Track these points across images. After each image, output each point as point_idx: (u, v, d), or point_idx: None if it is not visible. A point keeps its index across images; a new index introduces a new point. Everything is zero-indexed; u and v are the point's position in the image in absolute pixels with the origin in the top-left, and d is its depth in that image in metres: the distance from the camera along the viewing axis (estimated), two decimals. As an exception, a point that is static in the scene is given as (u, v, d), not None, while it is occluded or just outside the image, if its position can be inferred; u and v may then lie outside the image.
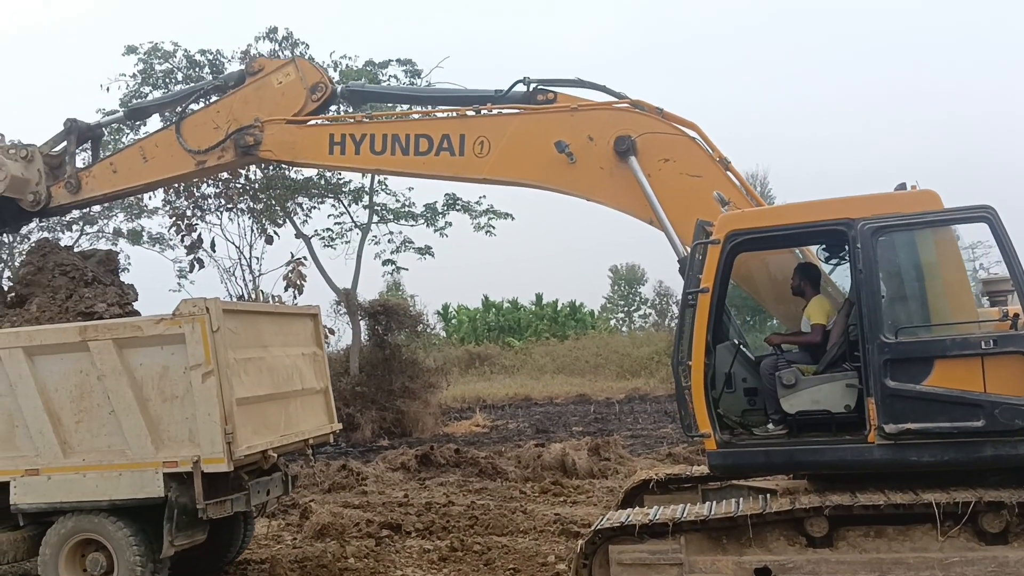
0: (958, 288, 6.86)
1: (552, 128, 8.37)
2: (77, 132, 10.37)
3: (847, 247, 6.85)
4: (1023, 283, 6.40)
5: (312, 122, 9.49)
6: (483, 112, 8.84)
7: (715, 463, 7.09)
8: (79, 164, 10.40)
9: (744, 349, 7.88)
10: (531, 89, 8.76)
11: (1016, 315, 6.37)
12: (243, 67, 9.94)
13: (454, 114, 8.93)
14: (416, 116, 9.13)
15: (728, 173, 8.05)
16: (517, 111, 8.70)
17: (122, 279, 10.65)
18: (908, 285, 6.99)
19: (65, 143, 10.33)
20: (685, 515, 6.84)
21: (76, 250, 10.85)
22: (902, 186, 7.02)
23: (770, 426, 7.32)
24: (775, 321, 9.07)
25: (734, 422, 7.53)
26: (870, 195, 6.89)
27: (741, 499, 7.29)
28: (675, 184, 7.95)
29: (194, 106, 10.42)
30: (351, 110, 10.93)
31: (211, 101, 9.88)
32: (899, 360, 6.50)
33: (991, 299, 7.13)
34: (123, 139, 21.53)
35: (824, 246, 7.73)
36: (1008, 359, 6.32)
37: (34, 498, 8.22)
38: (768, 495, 7.16)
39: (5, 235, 12.08)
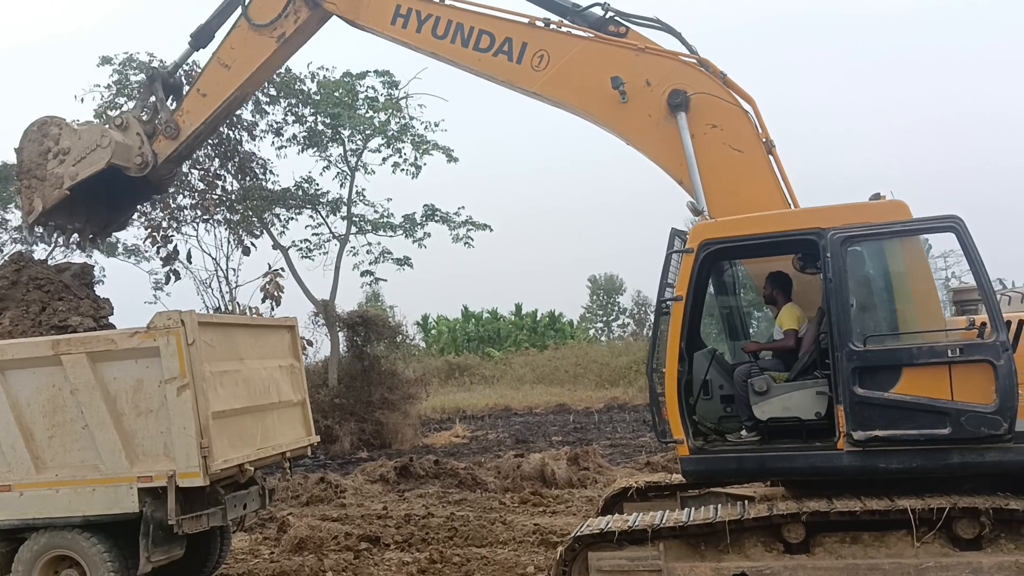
0: (926, 297, 6.93)
1: (614, 62, 8.20)
2: (160, 79, 10.21)
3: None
4: (990, 292, 6.49)
5: None
6: (552, 26, 8.61)
7: (688, 469, 7.15)
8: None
9: (721, 356, 7.92)
10: (607, 16, 8.62)
11: (983, 324, 6.44)
12: None
13: (525, 20, 8.66)
14: (484, 10, 8.79)
15: (770, 157, 7.93)
16: (585, 35, 8.51)
17: (97, 292, 10.53)
18: (877, 294, 7.08)
19: (153, 99, 10.16)
20: (664, 522, 6.87)
21: (51, 263, 10.70)
22: (876, 196, 7.08)
23: (743, 432, 7.37)
24: (753, 329, 9.10)
25: (710, 429, 7.57)
26: (840, 205, 6.96)
27: (719, 506, 7.31)
28: (716, 152, 7.83)
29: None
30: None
31: None
32: (867, 368, 6.57)
33: (960, 308, 7.20)
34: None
35: (799, 255, 7.78)
36: (974, 367, 6.38)
37: (6, 514, 8.12)
38: (746, 502, 7.19)
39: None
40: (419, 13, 8.93)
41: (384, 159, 25.34)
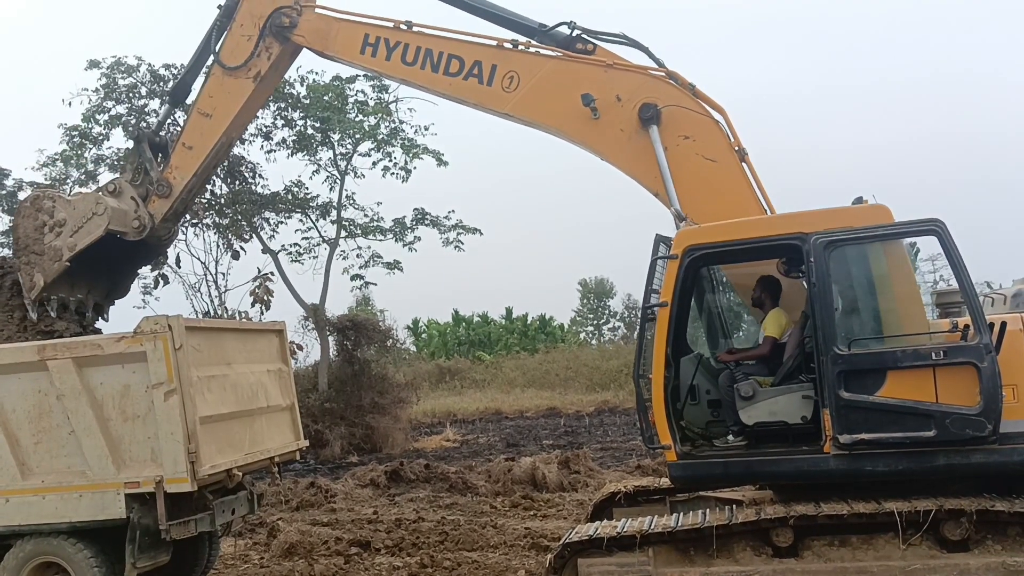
0: (909, 300, 6.97)
1: (583, 80, 8.27)
2: (147, 139, 10.19)
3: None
4: (972, 295, 6.53)
5: (350, 17, 9.27)
6: (520, 47, 8.66)
7: (675, 475, 7.17)
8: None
9: (708, 361, 7.94)
10: (573, 34, 8.69)
11: (967, 326, 6.46)
12: None
13: (493, 43, 8.73)
14: (452, 35, 8.86)
15: (743, 165, 7.99)
16: (553, 54, 8.58)
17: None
18: (860, 298, 7.11)
19: (139, 160, 10.11)
20: (653, 527, 6.87)
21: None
22: (859, 200, 7.12)
23: (730, 437, 7.39)
24: (741, 334, 9.12)
25: (696, 434, 7.58)
26: (823, 209, 7.01)
27: (708, 510, 7.32)
28: (690, 163, 7.89)
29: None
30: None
31: (230, 26, 9.62)
32: (853, 371, 6.61)
33: (944, 311, 7.24)
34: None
35: (784, 260, 7.81)
36: (958, 370, 6.42)
37: (-8, 521, 8.06)
38: (734, 506, 7.21)
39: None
40: (387, 41, 8.96)
41: (374, 163, 25.37)
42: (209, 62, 9.79)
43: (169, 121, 11.13)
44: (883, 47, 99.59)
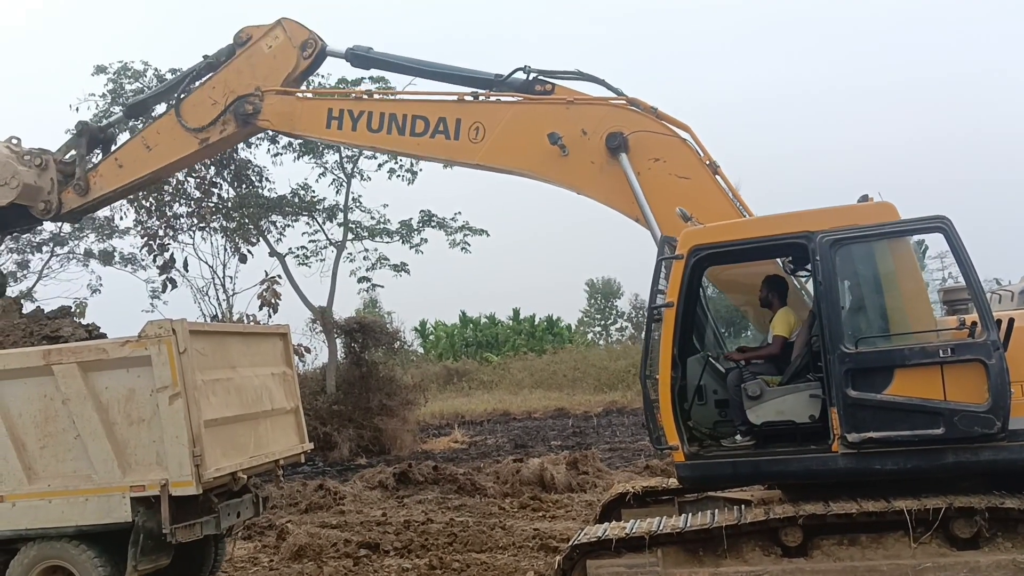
0: (916, 298, 6.95)
1: (547, 119, 8.39)
2: (88, 135, 10.39)
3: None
4: (979, 292, 6.47)
5: (311, 95, 9.54)
6: (480, 98, 8.84)
7: (683, 475, 7.17)
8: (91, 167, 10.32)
9: (714, 361, 7.90)
10: (530, 78, 8.80)
11: (974, 323, 6.41)
12: (232, 41, 9.82)
13: (453, 97, 8.92)
14: (413, 97, 9.14)
15: (717, 177, 8.08)
16: (514, 100, 8.72)
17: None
18: (867, 296, 7.10)
19: (75, 148, 10.34)
20: (661, 528, 6.85)
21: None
22: (864, 198, 7.08)
23: (738, 437, 7.35)
24: (750, 332, 9.09)
25: (704, 434, 7.55)
26: (828, 208, 6.99)
27: (717, 511, 7.28)
28: (664, 184, 7.98)
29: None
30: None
31: (205, 79, 9.81)
32: (860, 370, 6.58)
33: (951, 308, 7.19)
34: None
35: (790, 259, 7.77)
36: (966, 367, 6.38)
37: (-1, 526, 8.05)
38: (743, 506, 7.17)
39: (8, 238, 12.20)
40: (351, 112, 9.15)
41: (380, 165, 25.35)
42: (171, 102, 9.93)
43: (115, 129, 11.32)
44: (897, 46, 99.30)
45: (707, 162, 8.07)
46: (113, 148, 10.57)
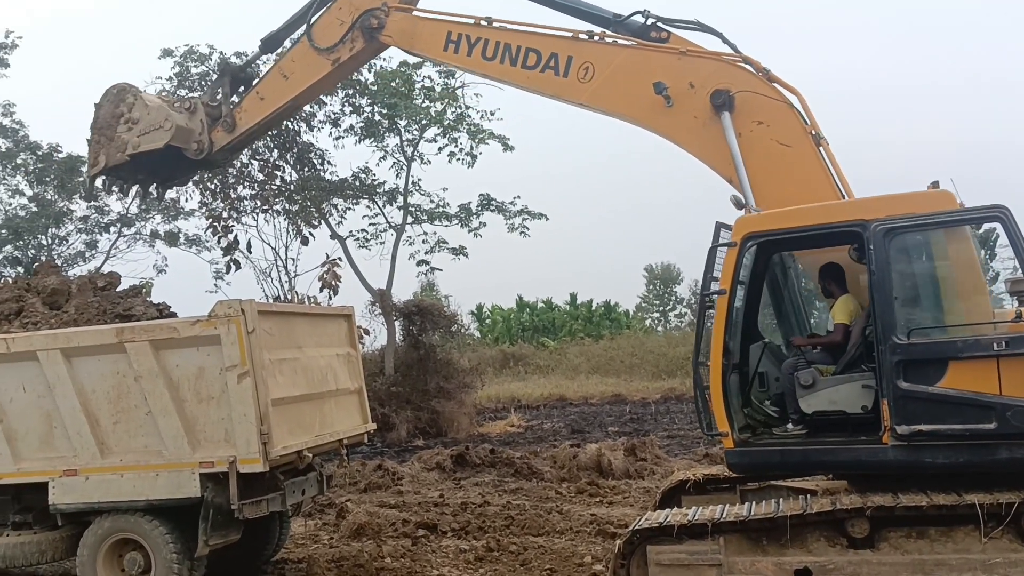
0: (972, 289, 6.79)
1: (657, 68, 8.31)
2: (230, 75, 11.00)
3: None
4: None
5: (433, 15, 9.67)
6: (595, 38, 8.81)
7: (733, 462, 7.14)
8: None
9: (778, 348, 7.81)
10: (648, 23, 8.78)
11: None
12: None
13: (568, 34, 8.89)
14: (530, 29, 9.11)
15: (820, 150, 7.88)
16: (628, 43, 8.69)
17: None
18: (921, 286, 6.95)
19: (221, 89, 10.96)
20: (724, 515, 6.79)
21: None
22: (935, 185, 6.90)
23: (789, 426, 7.28)
24: (815, 320, 8.94)
25: (759, 421, 7.49)
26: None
27: (781, 500, 7.20)
28: (763, 148, 7.85)
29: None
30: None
31: (332, 2, 10.15)
32: (911, 361, 6.43)
33: (1020, 299, 6.97)
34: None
35: (856, 246, 7.63)
36: (1022, 361, 6.17)
37: (72, 498, 8.29)
38: (808, 496, 7.06)
39: (175, 188, 13.21)
40: (469, 38, 9.26)
41: (440, 149, 25.49)
42: (302, 30, 10.30)
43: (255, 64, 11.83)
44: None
45: (812, 133, 7.86)
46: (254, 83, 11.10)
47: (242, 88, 10.98)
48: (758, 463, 7.21)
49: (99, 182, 11.17)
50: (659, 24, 8.71)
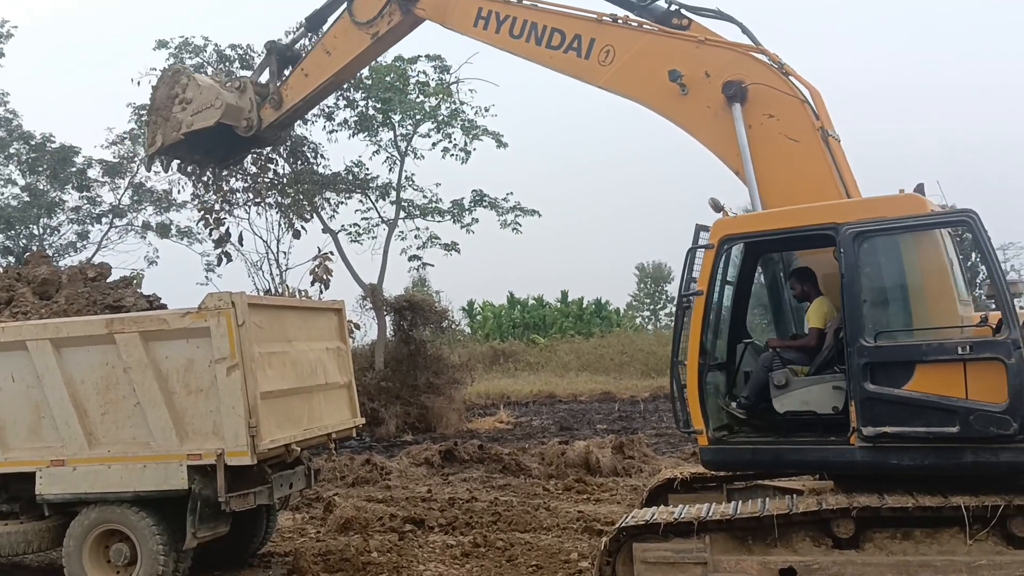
0: (939, 293, 6.79)
1: (674, 55, 8.37)
2: (277, 53, 11.48)
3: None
4: (1002, 287, 6.27)
5: None
6: (619, 21, 8.91)
7: (706, 459, 7.26)
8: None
9: (755, 347, 7.87)
10: (671, 8, 8.90)
11: (1000, 321, 6.24)
12: None
13: (593, 16, 9.02)
14: (557, 8, 9.28)
15: (828, 147, 7.85)
16: (649, 29, 8.76)
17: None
18: (889, 289, 6.97)
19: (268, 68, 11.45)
20: (711, 514, 6.81)
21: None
22: (920, 187, 6.95)
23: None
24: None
25: (736, 419, 7.55)
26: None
27: (767, 499, 7.23)
28: (772, 142, 7.87)
29: None
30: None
31: None
32: (879, 364, 6.48)
33: (995, 304, 6.98)
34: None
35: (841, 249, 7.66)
36: (987, 365, 6.20)
37: (59, 488, 8.30)
38: (794, 495, 7.10)
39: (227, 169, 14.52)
40: (498, 15, 9.52)
41: (434, 144, 25.44)
42: (344, 7, 10.70)
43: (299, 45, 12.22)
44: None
45: (820, 129, 7.83)
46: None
47: (289, 68, 11.37)
48: (731, 461, 7.34)
49: (157, 163, 11.78)
50: (682, 11, 8.83)
